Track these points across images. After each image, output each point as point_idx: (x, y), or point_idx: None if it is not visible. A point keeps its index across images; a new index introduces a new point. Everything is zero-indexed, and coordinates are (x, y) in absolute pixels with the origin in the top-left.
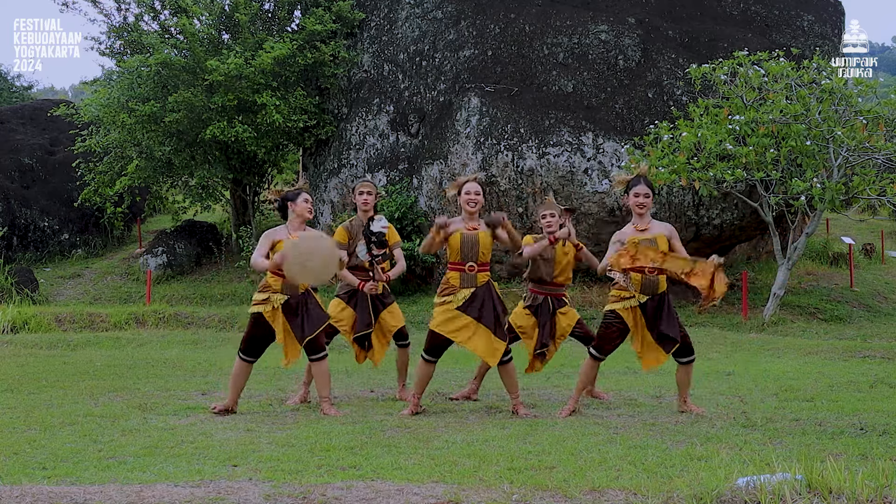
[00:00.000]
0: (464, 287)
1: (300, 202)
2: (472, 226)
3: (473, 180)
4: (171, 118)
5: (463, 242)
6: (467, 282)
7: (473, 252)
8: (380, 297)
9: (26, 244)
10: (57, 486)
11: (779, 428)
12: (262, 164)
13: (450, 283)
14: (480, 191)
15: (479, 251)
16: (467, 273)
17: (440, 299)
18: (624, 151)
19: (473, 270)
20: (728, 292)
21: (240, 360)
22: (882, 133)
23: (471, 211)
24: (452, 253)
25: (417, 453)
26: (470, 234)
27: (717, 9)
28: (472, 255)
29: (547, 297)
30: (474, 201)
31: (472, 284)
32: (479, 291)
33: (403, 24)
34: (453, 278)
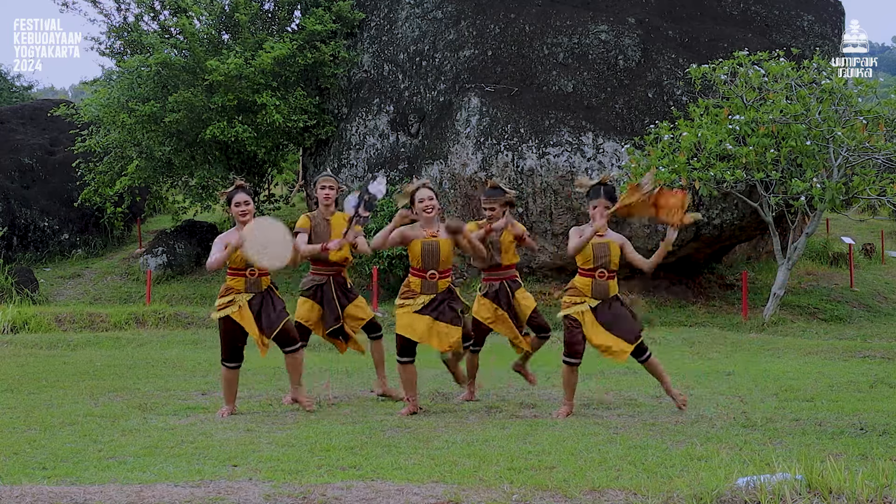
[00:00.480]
0: (424, 293)
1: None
2: (431, 232)
3: (424, 186)
4: (171, 118)
5: (424, 251)
6: (428, 288)
7: (434, 260)
8: (344, 292)
9: (26, 244)
10: (57, 486)
11: (779, 428)
12: (262, 164)
13: (410, 287)
14: (434, 195)
15: (441, 259)
16: (428, 280)
17: (400, 301)
18: (624, 151)
19: (435, 278)
20: (728, 292)
21: (225, 368)
22: (882, 133)
23: (428, 217)
24: (414, 260)
25: (417, 453)
26: (430, 242)
27: (717, 9)
28: (433, 263)
29: (503, 282)
30: (430, 206)
31: (432, 291)
32: (439, 297)
33: (403, 24)
34: (414, 283)
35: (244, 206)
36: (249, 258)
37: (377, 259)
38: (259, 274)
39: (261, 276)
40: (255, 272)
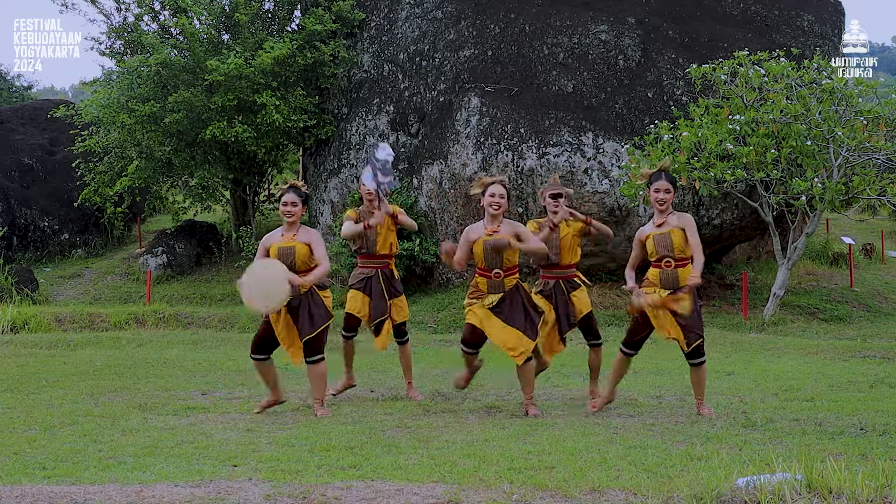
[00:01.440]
0: (491, 292)
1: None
2: (493, 229)
3: (499, 182)
4: (171, 118)
5: (485, 250)
6: (495, 287)
7: (497, 260)
8: (391, 285)
9: (26, 244)
10: (57, 486)
11: (779, 428)
12: (262, 164)
13: (478, 288)
14: (505, 193)
15: (504, 258)
16: (493, 280)
17: (468, 301)
18: (624, 151)
19: (500, 277)
20: (728, 292)
21: (252, 359)
22: (882, 133)
23: (494, 214)
24: (477, 260)
25: (417, 453)
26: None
27: (717, 9)
28: (497, 263)
29: (558, 281)
30: (497, 204)
31: (499, 290)
32: (508, 295)
33: (403, 24)
34: (481, 283)
35: (291, 206)
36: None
37: None
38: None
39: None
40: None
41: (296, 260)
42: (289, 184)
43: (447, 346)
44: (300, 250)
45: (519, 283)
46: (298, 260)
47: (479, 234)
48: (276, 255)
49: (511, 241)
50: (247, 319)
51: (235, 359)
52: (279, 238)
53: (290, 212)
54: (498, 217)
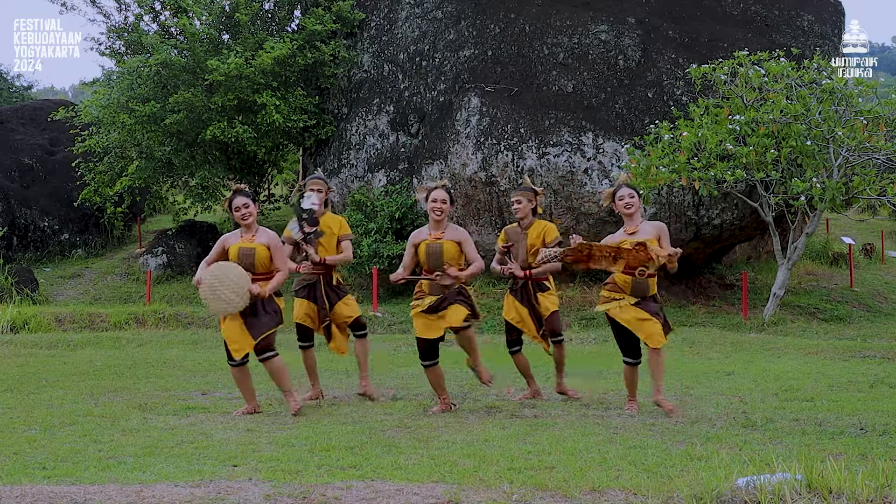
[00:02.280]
0: (432, 294)
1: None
2: (437, 235)
3: (441, 187)
4: (172, 119)
5: (428, 253)
6: (436, 289)
7: (439, 262)
8: (334, 290)
9: (26, 244)
10: (57, 486)
11: (779, 428)
12: (263, 164)
13: (421, 288)
14: (447, 198)
15: (444, 262)
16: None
17: (413, 301)
18: (624, 151)
19: (436, 280)
20: (728, 292)
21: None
22: (882, 133)
23: (437, 219)
24: (421, 262)
25: (417, 453)
26: (434, 245)
27: (717, 9)
28: (438, 265)
29: (527, 283)
30: (439, 209)
31: (440, 291)
32: (448, 296)
33: (403, 24)
34: (424, 285)
35: (244, 209)
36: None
37: (377, 259)
38: (254, 279)
39: (255, 280)
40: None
41: (255, 262)
42: (233, 189)
43: (446, 346)
44: (260, 252)
45: (461, 286)
46: (258, 262)
47: (423, 237)
48: (235, 256)
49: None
50: None
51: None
52: (238, 239)
53: (245, 214)
54: (441, 222)
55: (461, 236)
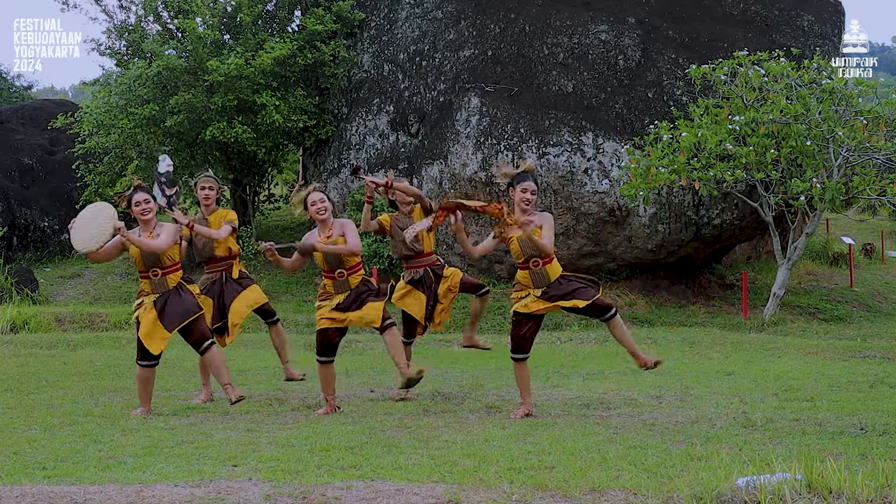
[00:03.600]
0: (339, 293)
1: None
2: (326, 234)
3: (315, 190)
4: (172, 121)
5: (325, 253)
6: (341, 287)
7: (337, 259)
8: (238, 284)
9: (26, 244)
10: (57, 486)
11: (779, 428)
12: (262, 165)
13: (326, 289)
14: (325, 198)
15: (343, 257)
16: (338, 280)
17: (318, 303)
18: (624, 151)
19: (343, 276)
20: (728, 292)
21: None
22: (882, 133)
23: (321, 219)
24: (320, 263)
25: (417, 453)
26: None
27: (717, 9)
28: (337, 263)
29: (427, 269)
30: (323, 209)
31: (345, 289)
32: (354, 292)
33: (403, 24)
34: (328, 285)
35: (144, 204)
36: (73, 241)
37: (377, 259)
38: (163, 273)
39: (164, 275)
40: (158, 272)
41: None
42: (133, 185)
43: (447, 346)
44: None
45: (365, 278)
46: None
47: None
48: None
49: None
50: (246, 319)
51: (235, 359)
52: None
53: (145, 209)
54: (327, 221)
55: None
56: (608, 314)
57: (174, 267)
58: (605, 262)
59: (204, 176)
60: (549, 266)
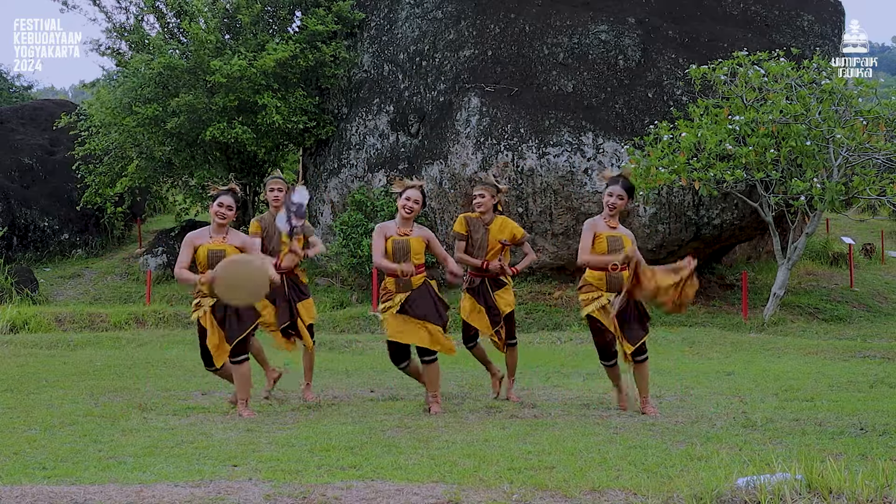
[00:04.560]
0: (399, 291)
1: (214, 205)
2: (404, 231)
3: (416, 188)
4: (174, 123)
5: (395, 248)
6: (403, 286)
7: (405, 258)
8: (298, 289)
9: (26, 244)
10: (57, 486)
11: (779, 428)
12: (263, 165)
13: (387, 289)
14: (420, 198)
15: (411, 256)
16: (401, 278)
17: (382, 305)
18: (624, 151)
19: (407, 276)
20: (728, 292)
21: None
22: (882, 133)
23: (406, 217)
24: (386, 257)
25: (417, 453)
26: (401, 240)
27: (717, 9)
28: (404, 260)
29: (484, 279)
30: (411, 208)
31: (407, 289)
32: (415, 293)
33: (403, 24)
34: (390, 283)
35: (226, 210)
36: (220, 298)
37: None
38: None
39: None
40: None
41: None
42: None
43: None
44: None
45: (426, 280)
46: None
47: (392, 232)
48: (205, 258)
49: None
50: None
51: None
52: (208, 240)
53: (224, 215)
54: (409, 221)
55: (428, 235)
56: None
57: None
58: None
59: (272, 177)
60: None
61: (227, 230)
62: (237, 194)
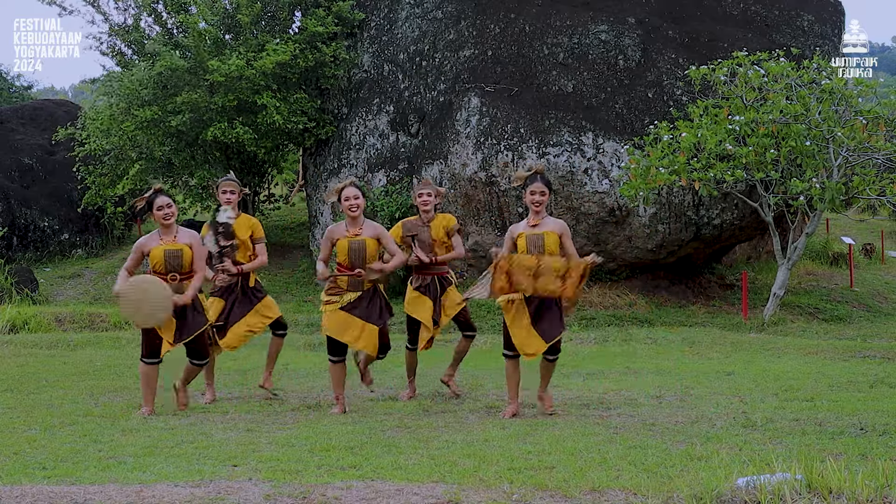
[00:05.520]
0: (350, 290)
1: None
2: (355, 232)
3: (350, 185)
4: (177, 121)
5: (350, 250)
6: (354, 286)
7: (360, 258)
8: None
9: (26, 244)
10: (57, 486)
11: (779, 428)
12: (262, 165)
13: (337, 284)
14: (360, 194)
15: (367, 256)
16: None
17: (326, 297)
18: (624, 151)
19: (361, 276)
20: (728, 292)
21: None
22: (882, 133)
23: (353, 216)
24: (340, 257)
25: (417, 453)
26: (357, 241)
27: (717, 9)
28: (359, 261)
29: (434, 277)
30: (355, 206)
31: (358, 288)
32: (366, 294)
33: (403, 24)
34: (342, 281)
35: (167, 209)
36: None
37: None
38: (181, 279)
39: (181, 280)
40: (177, 277)
41: (182, 262)
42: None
43: (446, 346)
44: (186, 253)
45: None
46: (185, 262)
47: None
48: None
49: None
50: None
51: (235, 359)
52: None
53: (167, 214)
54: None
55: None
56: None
57: (191, 275)
58: (605, 262)
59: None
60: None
61: (176, 229)
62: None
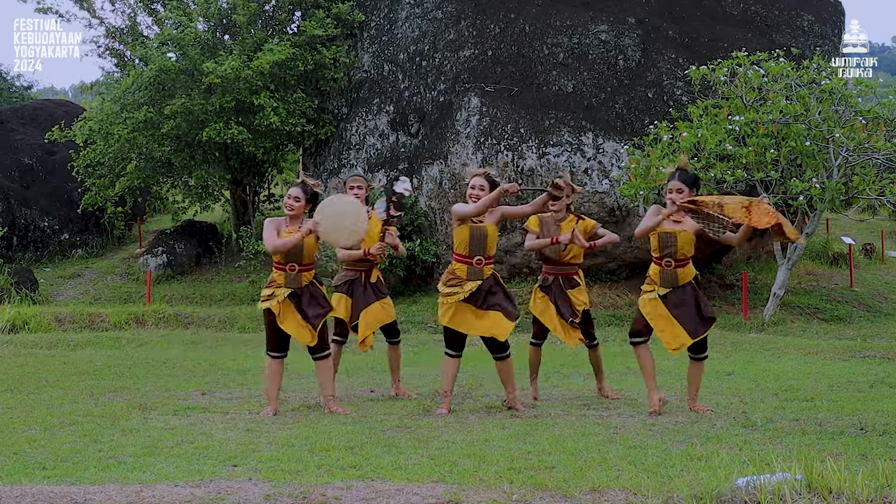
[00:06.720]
0: (470, 279)
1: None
2: (292, 229)
3: (482, 175)
4: (169, 125)
5: (472, 236)
6: (474, 275)
7: (481, 246)
8: (376, 288)
9: (26, 244)
10: (57, 486)
11: (779, 428)
12: (262, 165)
13: (456, 275)
14: (486, 185)
15: (487, 245)
16: (474, 266)
17: (446, 289)
18: (624, 151)
19: (481, 264)
20: (728, 292)
21: (268, 357)
22: (882, 133)
23: (290, 215)
24: (460, 245)
25: (417, 453)
26: (478, 227)
27: (717, 9)
28: (480, 249)
29: (557, 277)
30: (291, 206)
31: (478, 278)
32: (485, 285)
33: (403, 24)
34: (460, 270)
35: (293, 201)
36: (323, 237)
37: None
38: (299, 269)
39: (301, 271)
40: (295, 268)
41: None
42: (301, 179)
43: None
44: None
45: (494, 273)
46: (306, 252)
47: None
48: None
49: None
50: (246, 319)
51: (235, 358)
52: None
53: (292, 206)
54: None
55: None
56: (700, 355)
57: (310, 265)
58: (605, 262)
59: (354, 175)
60: (682, 269)
61: (300, 221)
62: (305, 183)
